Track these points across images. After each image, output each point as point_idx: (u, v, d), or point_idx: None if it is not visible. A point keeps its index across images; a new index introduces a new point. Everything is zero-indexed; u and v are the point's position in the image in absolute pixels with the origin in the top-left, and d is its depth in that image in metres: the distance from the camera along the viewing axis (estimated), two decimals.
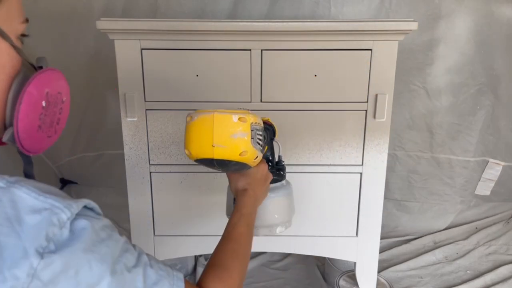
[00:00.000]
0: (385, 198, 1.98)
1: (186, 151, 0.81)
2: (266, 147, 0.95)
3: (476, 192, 2.06)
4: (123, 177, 1.32)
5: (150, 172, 1.32)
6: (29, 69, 0.56)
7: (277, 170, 1.00)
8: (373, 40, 1.21)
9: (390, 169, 1.98)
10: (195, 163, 0.87)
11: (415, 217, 2.02)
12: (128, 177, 1.32)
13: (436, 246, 1.86)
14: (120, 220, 1.98)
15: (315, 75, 1.24)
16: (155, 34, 1.20)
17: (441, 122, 1.91)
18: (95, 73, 1.92)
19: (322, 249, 1.41)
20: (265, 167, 0.92)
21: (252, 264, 1.74)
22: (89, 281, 0.48)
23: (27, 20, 0.57)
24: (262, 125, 0.86)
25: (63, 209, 0.48)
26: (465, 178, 2.02)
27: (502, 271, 1.67)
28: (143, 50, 1.22)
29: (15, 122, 0.53)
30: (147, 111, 1.27)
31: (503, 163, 2.00)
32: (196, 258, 1.73)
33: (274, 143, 1.01)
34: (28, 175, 0.63)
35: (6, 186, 0.48)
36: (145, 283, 0.54)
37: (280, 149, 1.02)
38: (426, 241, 1.91)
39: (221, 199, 1.35)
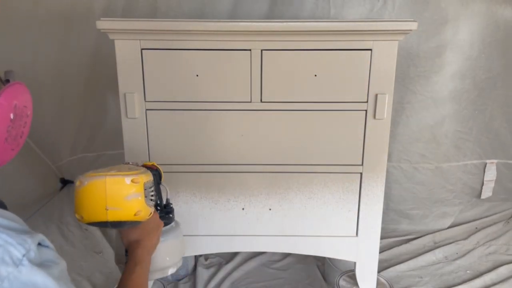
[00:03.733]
0: (388, 209, 1.98)
1: (77, 216, 0.80)
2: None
3: (482, 197, 2.06)
4: None
5: None
6: None
7: (166, 213, 1.02)
8: (373, 40, 1.21)
9: (395, 181, 1.97)
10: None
11: (416, 221, 2.02)
12: None
13: (436, 246, 1.86)
14: None
15: (315, 75, 1.24)
16: (155, 34, 1.20)
17: (446, 131, 1.90)
18: (95, 73, 1.92)
19: (322, 249, 1.41)
20: (156, 216, 0.93)
21: (252, 264, 1.74)
22: None
23: None
24: (152, 179, 0.87)
25: (15, 246, 0.45)
26: (464, 181, 2.02)
27: (502, 271, 1.67)
28: (143, 50, 1.22)
29: None
30: (147, 111, 1.27)
31: (496, 161, 2.01)
32: (196, 258, 1.73)
33: (161, 187, 1.02)
34: None
35: None
36: None
37: (168, 192, 1.04)
38: (426, 241, 1.91)
39: (221, 199, 1.36)
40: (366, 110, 1.27)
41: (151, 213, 0.84)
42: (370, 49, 1.22)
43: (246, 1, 1.75)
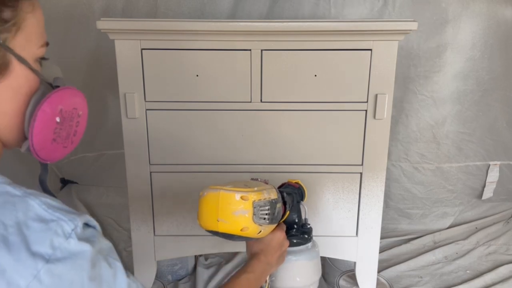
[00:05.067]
0: (388, 207, 1.98)
1: (198, 222, 0.89)
2: (288, 212, 0.98)
3: (483, 198, 2.06)
4: (123, 177, 1.32)
5: (150, 172, 1.32)
6: (47, 88, 0.62)
7: (302, 233, 1.02)
8: (373, 40, 1.21)
9: (395, 180, 1.97)
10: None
11: (416, 221, 2.02)
12: (128, 177, 1.32)
13: (436, 246, 1.86)
14: (120, 220, 1.98)
15: (315, 75, 1.24)
16: (155, 34, 1.20)
17: (447, 132, 1.90)
18: (95, 73, 1.92)
19: (322, 249, 1.41)
20: (281, 235, 0.95)
21: None
22: None
23: (47, 44, 0.62)
24: (272, 198, 0.89)
25: (67, 221, 0.53)
26: (464, 182, 2.02)
27: (502, 271, 1.67)
28: (143, 50, 1.22)
29: (29, 136, 0.60)
30: (147, 111, 1.27)
31: (499, 162, 2.00)
32: (196, 258, 1.73)
33: (300, 206, 1.03)
34: (42, 180, 0.72)
35: (22, 195, 0.54)
36: None
37: (306, 212, 1.04)
38: (426, 241, 1.91)
39: None
40: (366, 110, 1.27)
41: (260, 231, 0.86)
42: (370, 49, 1.22)
43: (246, 1, 1.75)
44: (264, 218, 0.86)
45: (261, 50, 1.22)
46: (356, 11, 1.73)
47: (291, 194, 1.00)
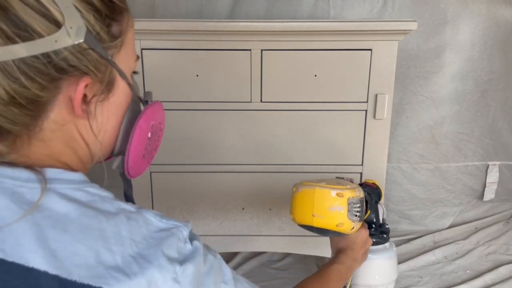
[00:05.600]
0: (388, 209, 1.97)
1: (291, 216, 0.91)
2: (369, 211, 1.00)
3: (484, 200, 2.06)
4: None
5: (150, 172, 1.32)
6: (137, 102, 0.62)
7: (380, 233, 1.03)
8: (373, 40, 1.21)
9: (395, 183, 1.96)
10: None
11: (415, 222, 2.02)
12: None
13: (436, 246, 1.86)
14: None
15: (315, 75, 1.24)
16: (155, 34, 1.20)
17: (446, 132, 1.90)
18: None
19: (322, 249, 1.41)
20: (365, 233, 0.96)
21: (252, 264, 1.74)
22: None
23: (138, 57, 0.62)
24: (362, 196, 0.92)
25: (183, 227, 0.56)
26: (464, 182, 2.02)
27: (502, 271, 1.67)
28: (143, 50, 1.22)
29: (127, 153, 0.60)
30: None
31: (498, 163, 2.01)
32: None
33: (379, 205, 1.04)
34: (128, 195, 0.73)
35: (137, 210, 0.55)
36: None
37: (385, 213, 1.05)
38: (426, 241, 1.90)
39: (221, 199, 1.36)
40: (366, 110, 1.27)
41: (353, 227, 0.88)
42: (370, 49, 1.22)
43: (245, 1, 1.75)
44: (356, 215, 0.88)
45: (261, 50, 1.22)
46: (356, 12, 1.73)
47: (370, 194, 1.01)
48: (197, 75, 1.24)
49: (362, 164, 1.32)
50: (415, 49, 1.76)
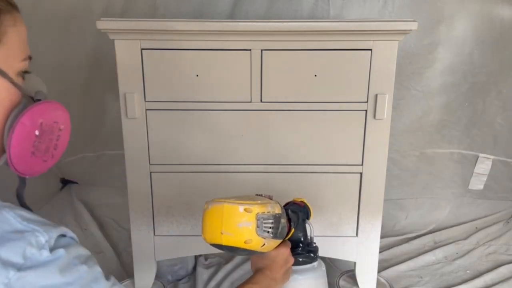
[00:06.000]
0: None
1: (202, 236, 0.89)
2: (293, 230, 0.99)
3: (469, 187, 2.08)
4: (123, 177, 1.32)
5: (150, 172, 1.32)
6: (29, 101, 0.63)
7: (308, 252, 1.03)
8: (373, 40, 1.21)
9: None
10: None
11: (411, 214, 2.04)
12: (128, 177, 1.32)
13: (436, 246, 1.86)
14: (120, 220, 1.98)
15: (315, 75, 1.24)
16: (155, 34, 1.20)
17: (432, 120, 1.93)
18: (95, 73, 1.92)
19: (322, 249, 1.41)
20: (285, 252, 0.95)
21: None
22: None
23: (29, 58, 0.63)
24: (276, 212, 0.90)
25: (42, 233, 0.54)
26: (452, 170, 2.04)
27: (502, 271, 1.67)
28: (143, 50, 1.22)
29: (7, 149, 0.60)
30: (147, 111, 1.27)
31: (492, 157, 2.01)
32: (196, 258, 1.73)
33: (306, 224, 1.04)
34: (19, 194, 0.71)
35: None
36: None
37: (312, 231, 1.05)
38: (426, 240, 1.90)
39: None
40: (366, 110, 1.27)
41: (264, 244, 0.87)
42: (370, 49, 1.22)
43: (244, 1, 1.75)
44: (268, 232, 0.87)
45: (261, 50, 1.22)
46: (356, 12, 1.73)
47: (296, 212, 1.01)
48: (197, 75, 1.24)
49: (362, 164, 1.32)
50: (412, 47, 1.77)
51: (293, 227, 0.99)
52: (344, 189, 1.34)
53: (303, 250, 1.02)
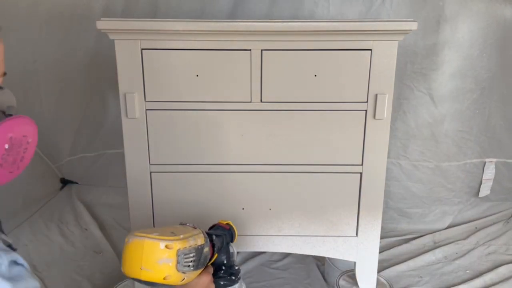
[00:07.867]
0: (388, 207, 1.97)
1: (122, 269, 0.87)
2: (216, 255, 1.00)
3: (480, 196, 2.06)
4: (123, 177, 1.32)
5: (150, 172, 1.32)
6: (1, 116, 0.66)
7: (230, 274, 1.04)
8: (373, 40, 1.21)
9: (394, 179, 1.96)
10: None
11: (415, 220, 2.02)
12: (128, 177, 1.32)
13: (436, 246, 1.86)
14: (120, 220, 1.98)
15: (315, 75, 1.24)
16: (155, 34, 1.20)
17: (446, 130, 1.89)
18: (95, 73, 1.92)
19: (322, 249, 1.41)
20: (206, 279, 0.95)
21: (252, 264, 1.74)
22: None
23: (4, 74, 0.66)
24: (199, 244, 0.90)
25: None
26: (463, 180, 2.02)
27: (502, 271, 1.67)
28: (143, 50, 1.22)
29: None
30: (147, 111, 1.27)
31: (495, 160, 2.00)
32: None
33: (230, 247, 1.05)
34: None
35: None
36: None
37: (235, 254, 1.06)
38: (426, 241, 1.91)
39: (222, 199, 1.36)
40: (366, 110, 1.27)
41: (183, 278, 0.87)
42: (370, 49, 1.22)
43: (246, 1, 1.75)
44: (189, 266, 0.87)
45: (261, 50, 1.22)
46: (355, 9, 1.73)
47: (221, 236, 1.01)
48: (197, 75, 1.24)
49: (362, 164, 1.32)
50: (412, 45, 1.76)
51: (216, 252, 1.00)
52: (344, 189, 1.34)
53: (225, 273, 1.03)
